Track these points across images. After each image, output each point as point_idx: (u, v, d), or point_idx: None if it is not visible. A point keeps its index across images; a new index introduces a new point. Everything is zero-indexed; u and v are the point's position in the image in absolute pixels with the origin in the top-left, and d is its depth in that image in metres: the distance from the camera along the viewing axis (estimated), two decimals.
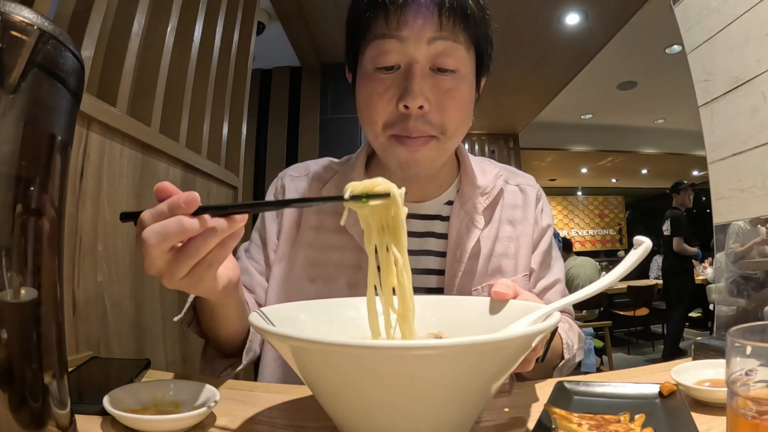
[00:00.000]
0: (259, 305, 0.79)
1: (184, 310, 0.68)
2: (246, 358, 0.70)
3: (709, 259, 5.95)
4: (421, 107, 0.67)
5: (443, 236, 0.80)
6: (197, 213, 0.45)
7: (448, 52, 0.68)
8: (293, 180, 0.86)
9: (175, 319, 0.68)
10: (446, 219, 0.80)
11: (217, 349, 0.71)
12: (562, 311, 0.80)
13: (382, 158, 0.75)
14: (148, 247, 0.44)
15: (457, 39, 0.68)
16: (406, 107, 0.66)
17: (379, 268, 0.50)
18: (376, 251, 0.49)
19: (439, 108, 0.68)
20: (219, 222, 0.46)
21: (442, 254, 0.79)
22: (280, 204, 0.83)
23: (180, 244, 0.46)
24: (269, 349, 0.78)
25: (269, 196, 0.87)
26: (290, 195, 0.84)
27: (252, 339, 0.71)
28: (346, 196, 0.46)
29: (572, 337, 0.76)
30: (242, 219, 0.48)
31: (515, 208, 0.84)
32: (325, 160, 0.88)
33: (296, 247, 0.80)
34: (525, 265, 0.82)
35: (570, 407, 0.48)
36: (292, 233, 0.81)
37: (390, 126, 0.68)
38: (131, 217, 0.48)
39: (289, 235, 0.81)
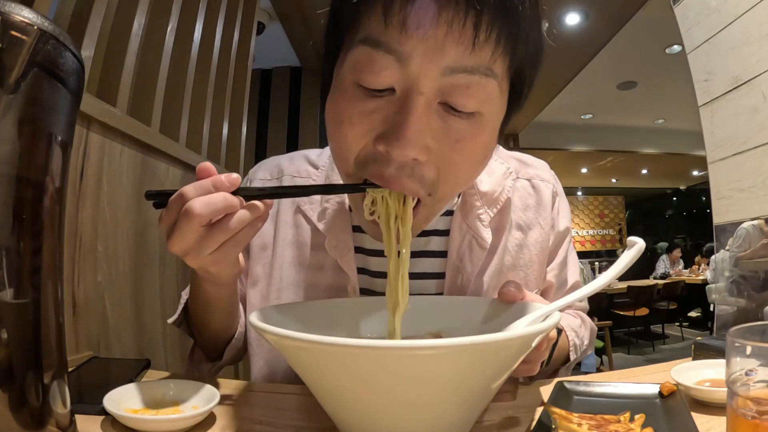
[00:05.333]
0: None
1: (178, 311, 0.68)
2: (228, 354, 0.70)
3: (706, 259, 5.96)
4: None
5: (441, 254, 0.67)
6: (234, 193, 0.47)
7: (472, 90, 0.46)
8: (263, 185, 0.73)
9: (170, 321, 0.69)
10: (444, 233, 0.67)
11: (204, 351, 0.72)
12: (576, 307, 0.79)
13: (351, 204, 0.61)
14: (191, 218, 0.44)
15: (491, 70, 0.46)
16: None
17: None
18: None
19: (441, 161, 0.49)
20: (256, 202, 0.48)
21: (440, 276, 0.67)
22: (309, 189, 0.67)
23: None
24: (258, 354, 0.72)
25: None
26: None
27: (238, 338, 0.71)
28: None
29: (584, 333, 0.74)
30: (271, 203, 0.50)
31: (526, 210, 0.71)
32: (300, 159, 0.75)
33: (272, 265, 0.70)
34: (537, 278, 0.71)
35: (570, 407, 0.48)
36: (264, 254, 0.71)
37: (362, 165, 0.50)
38: (158, 196, 0.48)
39: (259, 257, 0.71)
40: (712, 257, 1.47)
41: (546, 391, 0.56)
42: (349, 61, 0.49)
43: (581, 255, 8.80)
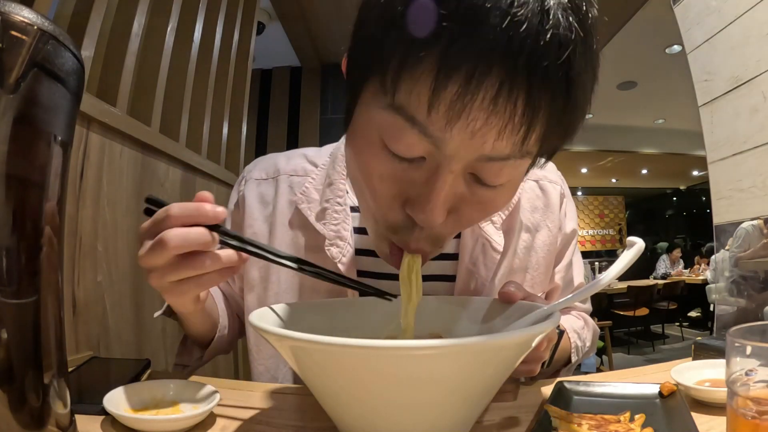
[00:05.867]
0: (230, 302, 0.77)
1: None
2: (209, 355, 0.71)
3: (705, 259, 5.96)
4: None
5: (451, 257, 0.66)
6: (216, 228, 0.46)
7: (504, 171, 0.45)
8: (258, 185, 0.72)
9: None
10: (455, 236, 0.66)
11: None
12: (579, 309, 0.79)
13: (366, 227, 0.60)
14: (164, 248, 0.43)
15: (527, 153, 0.44)
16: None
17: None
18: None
19: (457, 217, 0.48)
20: (229, 253, 0.47)
21: (449, 278, 0.66)
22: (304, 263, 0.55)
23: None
24: (257, 360, 0.73)
25: (230, 203, 0.76)
26: (252, 208, 0.71)
27: (218, 339, 0.71)
28: None
29: (586, 334, 0.74)
30: (247, 258, 0.49)
31: (534, 211, 0.70)
32: (298, 157, 0.73)
33: (268, 268, 0.69)
34: (543, 280, 0.71)
35: (570, 407, 0.48)
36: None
37: (393, 231, 0.49)
38: (157, 204, 0.47)
39: (254, 260, 0.70)
40: (712, 257, 1.47)
41: (546, 391, 0.56)
42: (375, 118, 0.43)
43: (581, 255, 8.79)
